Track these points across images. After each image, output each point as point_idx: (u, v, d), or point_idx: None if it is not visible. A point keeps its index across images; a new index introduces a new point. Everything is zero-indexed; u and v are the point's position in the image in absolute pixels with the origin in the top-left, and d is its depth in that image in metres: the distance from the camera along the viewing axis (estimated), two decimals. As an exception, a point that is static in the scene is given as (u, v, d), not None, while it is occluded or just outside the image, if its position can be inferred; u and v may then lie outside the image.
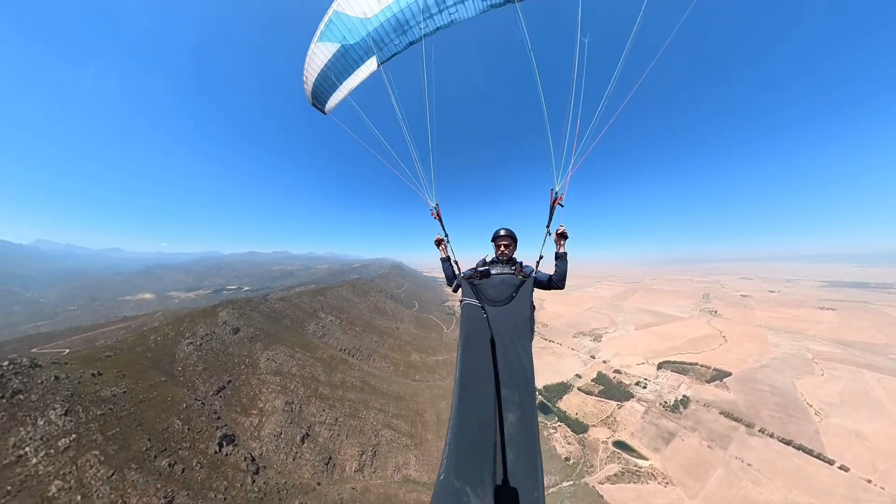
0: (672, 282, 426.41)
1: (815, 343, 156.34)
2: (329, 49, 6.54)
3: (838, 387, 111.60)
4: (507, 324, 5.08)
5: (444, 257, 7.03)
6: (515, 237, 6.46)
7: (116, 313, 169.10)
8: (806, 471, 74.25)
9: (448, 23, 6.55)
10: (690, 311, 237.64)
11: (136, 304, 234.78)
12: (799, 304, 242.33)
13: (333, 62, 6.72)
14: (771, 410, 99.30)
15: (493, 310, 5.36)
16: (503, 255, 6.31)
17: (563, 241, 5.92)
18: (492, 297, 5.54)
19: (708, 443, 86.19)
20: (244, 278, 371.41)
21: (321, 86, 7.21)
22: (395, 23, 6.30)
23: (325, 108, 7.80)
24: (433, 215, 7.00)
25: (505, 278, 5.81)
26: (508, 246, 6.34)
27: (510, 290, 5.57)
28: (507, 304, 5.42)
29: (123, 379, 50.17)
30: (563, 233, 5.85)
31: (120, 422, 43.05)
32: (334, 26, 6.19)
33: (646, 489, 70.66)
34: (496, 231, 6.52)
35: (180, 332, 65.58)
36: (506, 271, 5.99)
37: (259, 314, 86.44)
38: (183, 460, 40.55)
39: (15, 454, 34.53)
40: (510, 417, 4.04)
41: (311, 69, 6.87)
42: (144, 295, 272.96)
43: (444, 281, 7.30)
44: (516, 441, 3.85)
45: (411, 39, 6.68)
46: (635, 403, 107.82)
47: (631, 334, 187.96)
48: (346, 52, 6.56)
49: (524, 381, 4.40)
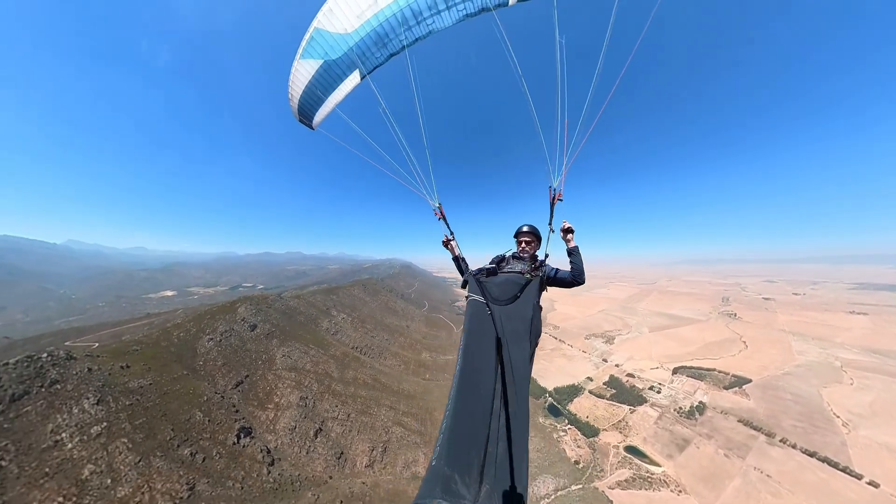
0: (689, 283, 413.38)
1: (845, 350, 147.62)
2: (312, 66, 6.61)
3: (869, 397, 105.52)
4: (509, 324, 5.08)
5: (455, 257, 7.09)
6: (539, 235, 6.37)
7: (141, 310, 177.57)
8: (831, 485, 70.63)
9: (427, 33, 6.76)
10: (708, 314, 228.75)
11: (158, 300, 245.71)
12: (826, 308, 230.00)
13: (317, 78, 6.78)
14: (794, 420, 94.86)
15: (497, 308, 5.31)
16: (524, 251, 6.28)
17: (571, 236, 5.82)
18: (495, 296, 5.48)
19: (725, 451, 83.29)
20: (259, 277, 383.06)
21: (307, 102, 7.27)
22: (374, 37, 6.44)
23: (312, 123, 7.80)
24: (437, 216, 7.05)
25: (511, 277, 5.74)
26: (530, 243, 6.30)
27: (515, 289, 5.49)
28: (510, 303, 5.35)
29: (149, 372, 52.94)
30: (568, 227, 5.78)
31: (146, 412, 45.50)
32: (315, 43, 6.31)
33: (658, 496, 69.09)
34: (519, 227, 6.51)
35: (201, 329, 68.60)
36: (514, 270, 5.92)
37: (275, 311, 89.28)
38: (203, 450, 42.60)
39: (52, 439, 37.07)
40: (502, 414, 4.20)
41: (296, 86, 6.95)
42: (166, 292, 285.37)
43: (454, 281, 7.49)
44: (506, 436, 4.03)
45: (392, 51, 6.83)
46: (648, 408, 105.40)
47: (645, 337, 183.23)
48: (329, 67, 6.62)
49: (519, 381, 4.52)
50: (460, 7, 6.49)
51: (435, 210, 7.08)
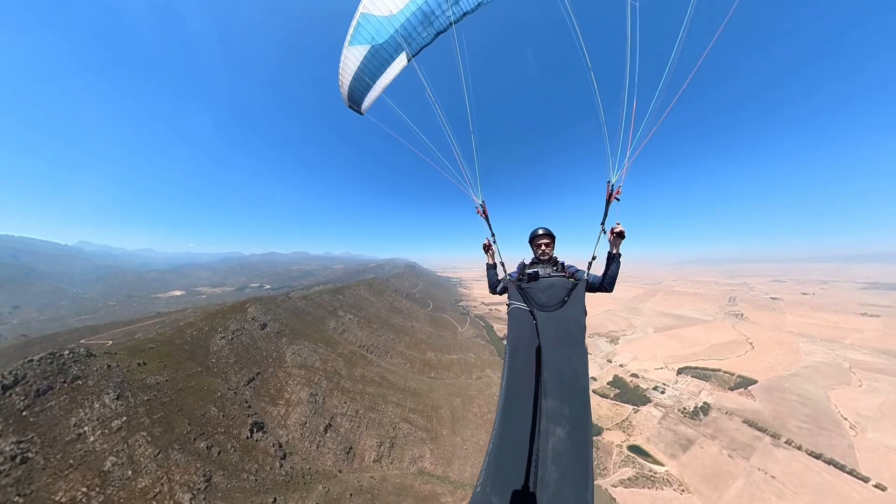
0: (695, 283, 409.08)
1: (854, 352, 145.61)
2: (360, 51, 6.59)
3: (878, 399, 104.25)
4: (559, 330, 4.73)
5: (492, 264, 6.60)
6: (554, 235, 6.17)
7: (150, 309, 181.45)
8: (837, 487, 70.32)
9: (475, 6, 6.48)
10: (714, 314, 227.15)
11: (167, 300, 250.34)
12: (836, 309, 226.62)
13: (366, 63, 6.76)
14: (799, 421, 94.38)
15: (545, 315, 4.98)
16: (544, 254, 6.02)
17: (619, 241, 5.32)
18: (542, 302, 5.17)
19: (729, 452, 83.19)
20: (265, 277, 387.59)
21: (356, 88, 7.29)
22: (420, 15, 6.28)
23: (361, 108, 7.82)
24: (479, 213, 6.59)
25: (556, 281, 5.44)
26: (549, 245, 6.06)
27: (562, 293, 5.19)
28: (558, 308, 5.03)
29: (165, 369, 54.78)
30: (619, 232, 5.22)
31: (163, 407, 47.25)
32: (363, 28, 6.27)
33: (661, 495, 69.40)
34: (534, 231, 6.21)
35: (213, 327, 70.57)
36: (555, 273, 5.65)
37: (284, 310, 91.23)
38: (219, 444, 44.23)
39: (76, 432, 38.77)
40: (558, 432, 3.69)
41: (346, 72, 6.98)
42: (175, 291, 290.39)
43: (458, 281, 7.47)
44: (563, 458, 3.50)
45: (438, 29, 6.62)
46: (652, 408, 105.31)
47: (650, 338, 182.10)
48: (377, 51, 6.56)
49: (578, 393, 4.04)
50: None
51: (477, 208, 6.63)
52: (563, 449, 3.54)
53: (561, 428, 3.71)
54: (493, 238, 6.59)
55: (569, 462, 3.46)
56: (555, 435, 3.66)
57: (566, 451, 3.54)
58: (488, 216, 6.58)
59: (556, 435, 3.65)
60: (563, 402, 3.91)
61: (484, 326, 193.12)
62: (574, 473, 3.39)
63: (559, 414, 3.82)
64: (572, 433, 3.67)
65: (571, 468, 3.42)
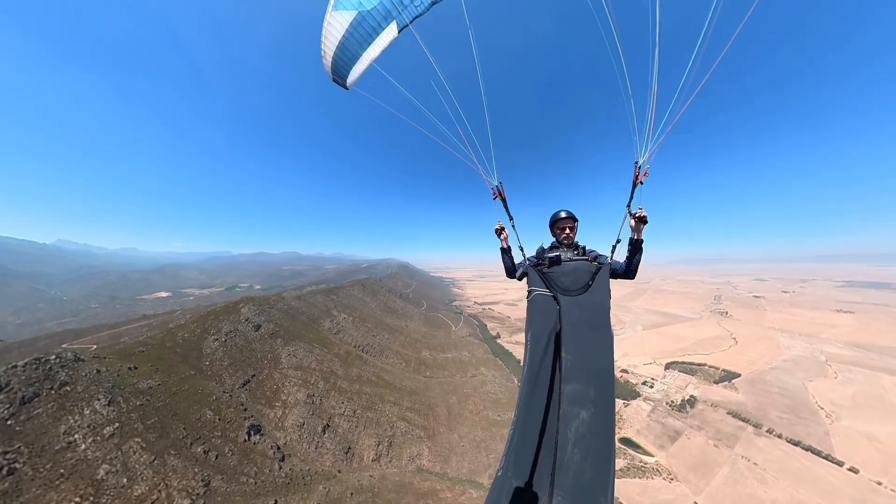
0: (683, 283, 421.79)
1: (830, 346, 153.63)
2: (345, 17, 5.95)
3: (851, 390, 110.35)
4: (584, 315, 4.69)
5: (506, 247, 6.22)
6: (577, 218, 5.87)
7: (135, 311, 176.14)
8: (814, 472, 74.44)
9: None
10: (700, 312, 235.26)
11: (153, 302, 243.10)
12: (814, 306, 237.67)
13: (351, 32, 6.12)
14: (780, 412, 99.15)
15: (568, 300, 4.89)
16: (567, 238, 5.75)
17: (642, 227, 5.11)
18: (565, 286, 5.05)
19: (714, 442, 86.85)
20: (255, 277, 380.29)
21: (340, 59, 6.55)
22: None
23: (346, 82, 7.13)
24: (495, 195, 6.11)
25: (579, 265, 5.28)
26: (573, 229, 5.81)
27: (586, 277, 5.08)
28: (583, 293, 4.96)
29: (157, 373, 53.68)
30: (642, 217, 5.00)
31: (157, 412, 46.39)
32: None
33: (651, 484, 71.95)
34: (555, 214, 5.90)
35: (206, 329, 69.28)
36: (577, 257, 5.45)
37: (277, 311, 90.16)
38: (216, 448, 43.76)
39: (66, 440, 37.74)
40: (583, 415, 3.67)
41: (329, 42, 6.28)
42: (161, 293, 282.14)
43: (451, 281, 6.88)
44: (587, 440, 3.50)
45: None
46: (642, 402, 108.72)
47: (639, 335, 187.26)
48: (364, 18, 5.95)
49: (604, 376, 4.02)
50: None
51: (493, 189, 6.13)
52: (586, 431, 3.55)
53: (585, 411, 3.70)
54: (512, 222, 6.12)
55: (591, 444, 3.47)
56: (578, 418, 3.65)
57: (589, 433, 3.54)
58: (505, 199, 6.09)
59: (580, 418, 3.65)
60: (588, 386, 3.90)
61: (478, 325, 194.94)
62: (597, 455, 3.42)
63: (584, 397, 3.80)
64: (597, 416, 3.69)
65: (594, 450, 3.44)
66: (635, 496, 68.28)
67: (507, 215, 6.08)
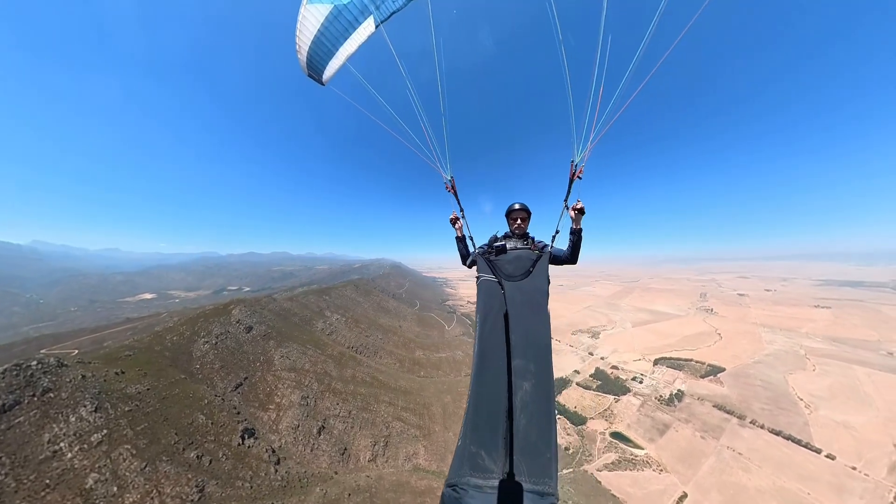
0: (669, 281, 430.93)
1: (809, 340, 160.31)
2: (320, 11, 5.88)
3: (828, 381, 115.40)
4: (524, 298, 5.13)
5: (460, 236, 6.80)
6: (529, 211, 6.30)
7: (118, 315, 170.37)
8: (794, 459, 77.96)
9: None
10: (687, 309, 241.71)
11: (136, 304, 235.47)
12: (794, 303, 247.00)
13: (327, 26, 6.04)
14: (762, 403, 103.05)
15: (511, 285, 5.35)
16: (519, 228, 6.20)
17: (580, 217, 5.67)
18: (509, 273, 5.52)
19: (701, 433, 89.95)
20: (244, 279, 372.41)
21: (315, 53, 6.47)
22: None
23: (321, 78, 7.07)
24: (448, 188, 6.60)
25: (521, 253, 5.78)
26: (525, 220, 6.24)
27: (527, 264, 5.57)
28: (524, 278, 5.43)
29: (145, 377, 52.34)
30: (580, 208, 5.58)
31: (147, 417, 45.28)
32: None
33: (641, 476, 74.26)
34: (510, 205, 6.35)
35: (195, 332, 67.75)
36: (521, 246, 5.93)
37: (269, 313, 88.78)
38: (209, 452, 42.98)
39: (50, 449, 36.49)
40: (525, 386, 4.19)
41: (304, 36, 6.24)
42: (145, 295, 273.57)
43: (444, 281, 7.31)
44: (530, 407, 4.05)
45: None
46: (631, 397, 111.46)
47: (628, 332, 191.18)
48: (340, 12, 5.91)
49: (542, 351, 4.55)
50: None
51: (446, 183, 6.63)
52: (529, 400, 4.12)
53: (527, 382, 4.25)
54: (462, 213, 6.64)
55: (533, 410, 4.04)
56: (522, 388, 4.19)
57: (532, 401, 4.11)
58: (457, 192, 6.61)
59: (524, 388, 4.20)
60: (528, 361, 4.45)
61: (471, 324, 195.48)
62: (539, 419, 3.99)
63: (526, 370, 4.36)
64: (537, 385, 4.24)
65: (536, 415, 4.00)
66: (627, 487, 70.20)
67: (458, 206, 6.58)
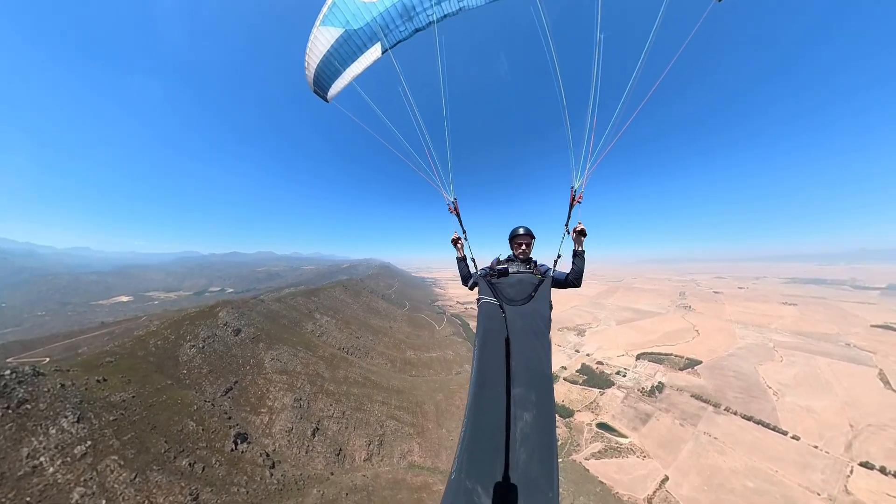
0: (652, 280, 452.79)
1: (777, 334, 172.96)
2: (332, 34, 6.21)
3: (794, 371, 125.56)
4: (525, 323, 4.99)
5: (461, 257, 6.76)
6: (533, 235, 6.29)
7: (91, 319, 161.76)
8: (764, 441, 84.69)
9: (457, 10, 6.33)
10: (667, 307, 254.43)
11: (111, 307, 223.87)
12: (764, 300, 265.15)
13: (336, 47, 6.37)
14: (735, 392, 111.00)
15: (512, 309, 5.23)
16: (523, 254, 6.17)
17: (582, 239, 5.73)
18: (510, 296, 5.42)
19: (680, 421, 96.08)
20: (227, 279, 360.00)
21: (323, 72, 6.83)
22: (400, 8, 6.04)
23: (326, 95, 7.33)
24: (451, 210, 6.65)
25: (523, 277, 5.71)
26: (528, 245, 6.21)
27: (529, 289, 5.47)
28: (526, 303, 5.31)
29: (129, 384, 50.67)
30: (581, 230, 5.65)
31: (133, 426, 43.93)
32: (337, 10, 5.97)
33: (626, 462, 78.68)
34: (514, 230, 6.32)
35: (181, 336, 65.81)
36: (523, 270, 5.89)
37: (258, 314, 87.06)
38: (202, 459, 42.24)
39: (30, 464, 34.64)
40: (526, 417, 3.94)
41: (313, 55, 6.56)
42: (120, 297, 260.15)
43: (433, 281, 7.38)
44: (531, 440, 3.77)
45: (418, 26, 6.37)
46: (616, 390, 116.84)
47: (612, 329, 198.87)
48: (350, 37, 6.23)
49: (543, 380, 4.33)
50: None
51: (449, 205, 6.70)
52: (530, 432, 3.83)
53: (528, 413, 3.98)
54: (465, 235, 6.68)
55: (535, 443, 3.75)
56: (522, 419, 3.93)
57: (533, 433, 3.82)
58: (459, 213, 6.66)
59: (524, 419, 3.93)
60: (529, 389, 4.19)
61: (461, 324, 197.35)
62: (541, 452, 3.70)
63: (526, 400, 4.10)
64: (538, 416, 3.97)
65: (538, 447, 3.72)
66: (613, 474, 74.00)
67: (461, 228, 6.67)
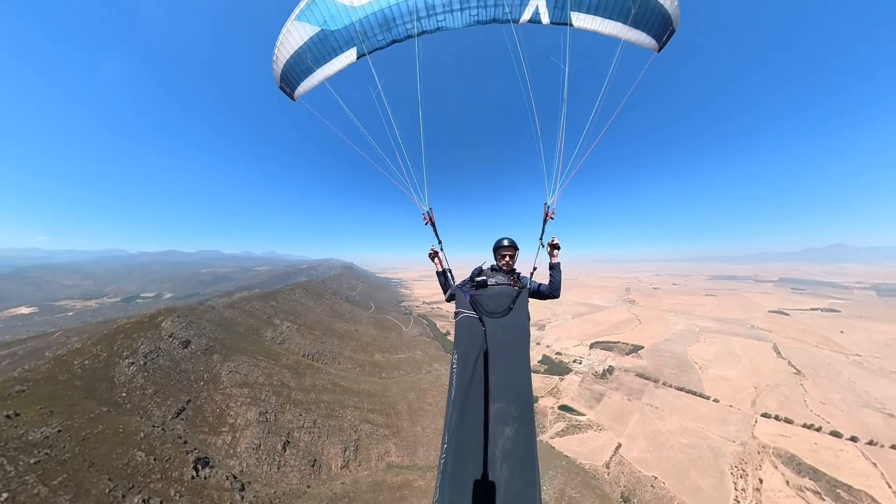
0: (602, 278, 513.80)
1: (701, 321, 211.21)
2: (307, 31, 5.95)
3: (714, 349, 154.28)
4: (507, 336, 4.84)
5: (440, 271, 6.61)
6: (517, 247, 6.21)
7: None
8: (693, 406, 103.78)
9: (435, 28, 6.38)
10: (615, 301, 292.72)
11: (7, 322, 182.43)
12: (691, 293, 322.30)
13: (310, 45, 6.11)
14: (670, 369, 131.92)
15: (492, 322, 5.05)
16: (507, 265, 6.06)
17: (557, 252, 5.87)
18: (490, 309, 5.23)
19: (627, 397, 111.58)
20: (164, 283, 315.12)
21: (293, 69, 6.51)
22: (381, 17, 5.97)
23: (293, 93, 7.00)
24: (425, 220, 6.40)
25: (502, 289, 5.55)
26: (512, 257, 6.12)
27: (508, 300, 5.32)
28: (505, 315, 5.15)
29: (52, 416, 42.96)
30: (555, 244, 5.80)
31: (64, 466, 37.43)
32: (316, 7, 5.75)
33: (585, 436, 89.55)
34: (498, 241, 6.21)
35: (115, 352, 57.06)
36: (502, 281, 5.75)
37: (209, 323, 78.57)
38: (158, 493, 37.48)
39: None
40: (507, 432, 3.83)
41: (284, 49, 6.23)
42: (21, 309, 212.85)
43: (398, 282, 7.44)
44: (513, 455, 3.67)
45: (396, 38, 6.31)
46: (573, 376, 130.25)
47: (569, 323, 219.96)
48: (326, 37, 6.04)
49: (524, 394, 4.22)
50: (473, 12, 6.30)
51: (423, 214, 6.46)
52: (511, 447, 3.72)
53: (510, 428, 3.86)
54: (441, 246, 6.48)
55: (517, 458, 3.66)
56: (504, 435, 3.80)
57: (515, 448, 3.72)
58: (435, 224, 6.43)
59: (506, 435, 3.80)
60: (510, 404, 4.06)
61: (427, 324, 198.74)
62: (523, 467, 3.61)
63: (507, 414, 3.97)
64: (520, 430, 3.86)
65: (519, 464, 3.62)
66: (575, 447, 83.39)
67: (437, 240, 6.44)
